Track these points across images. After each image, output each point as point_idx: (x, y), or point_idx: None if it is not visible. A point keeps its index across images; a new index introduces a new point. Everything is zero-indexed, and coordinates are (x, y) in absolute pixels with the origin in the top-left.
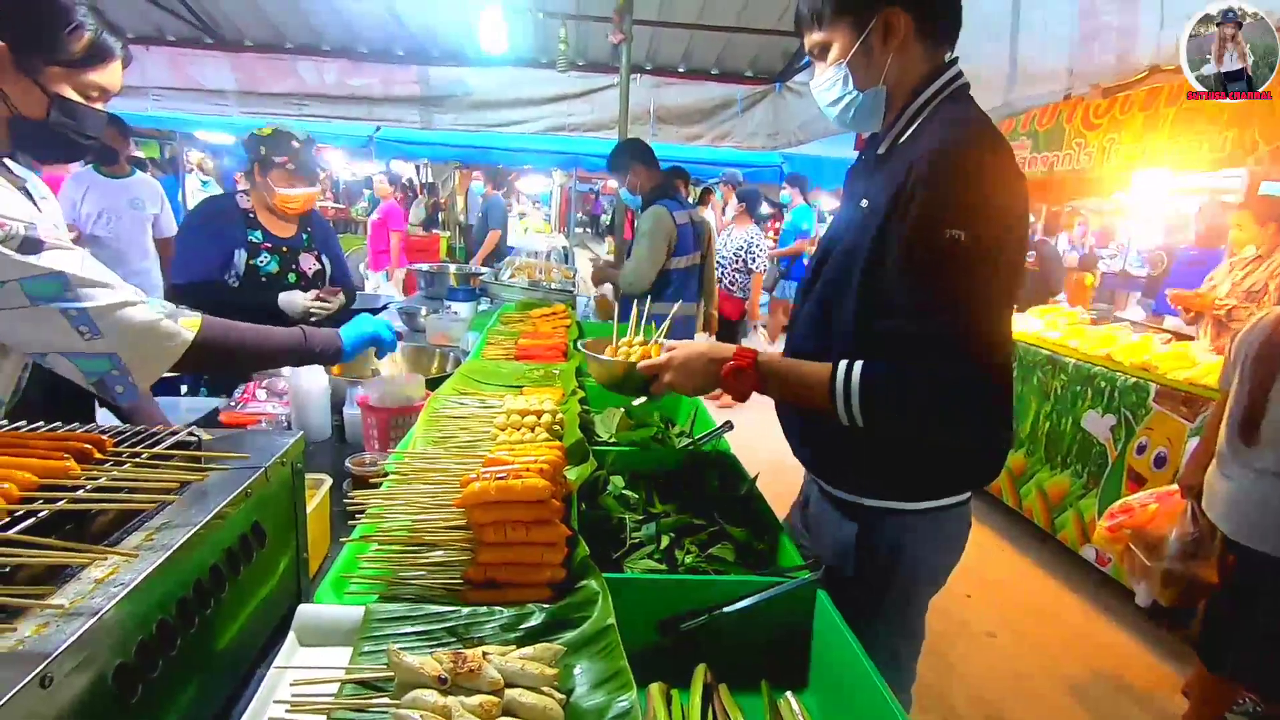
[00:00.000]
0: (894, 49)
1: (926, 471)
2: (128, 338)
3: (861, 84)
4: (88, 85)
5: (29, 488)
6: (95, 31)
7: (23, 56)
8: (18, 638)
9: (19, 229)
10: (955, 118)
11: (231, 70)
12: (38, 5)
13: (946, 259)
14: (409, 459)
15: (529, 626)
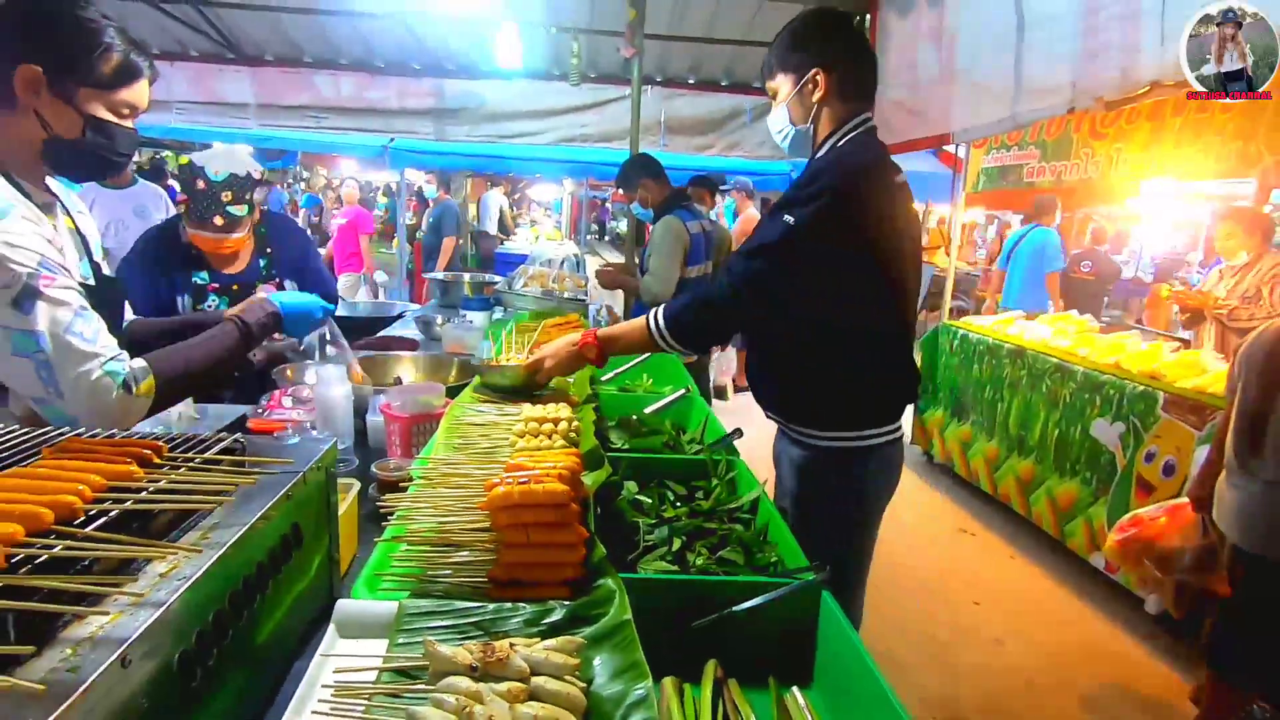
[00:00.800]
0: (818, 100)
1: (856, 408)
2: (85, 405)
3: (796, 121)
4: (118, 104)
5: (100, 489)
6: (124, 52)
7: (57, 80)
8: (99, 623)
9: (23, 276)
10: (846, 150)
11: (251, 84)
12: (69, 31)
13: (770, 230)
14: (434, 464)
15: (551, 621)
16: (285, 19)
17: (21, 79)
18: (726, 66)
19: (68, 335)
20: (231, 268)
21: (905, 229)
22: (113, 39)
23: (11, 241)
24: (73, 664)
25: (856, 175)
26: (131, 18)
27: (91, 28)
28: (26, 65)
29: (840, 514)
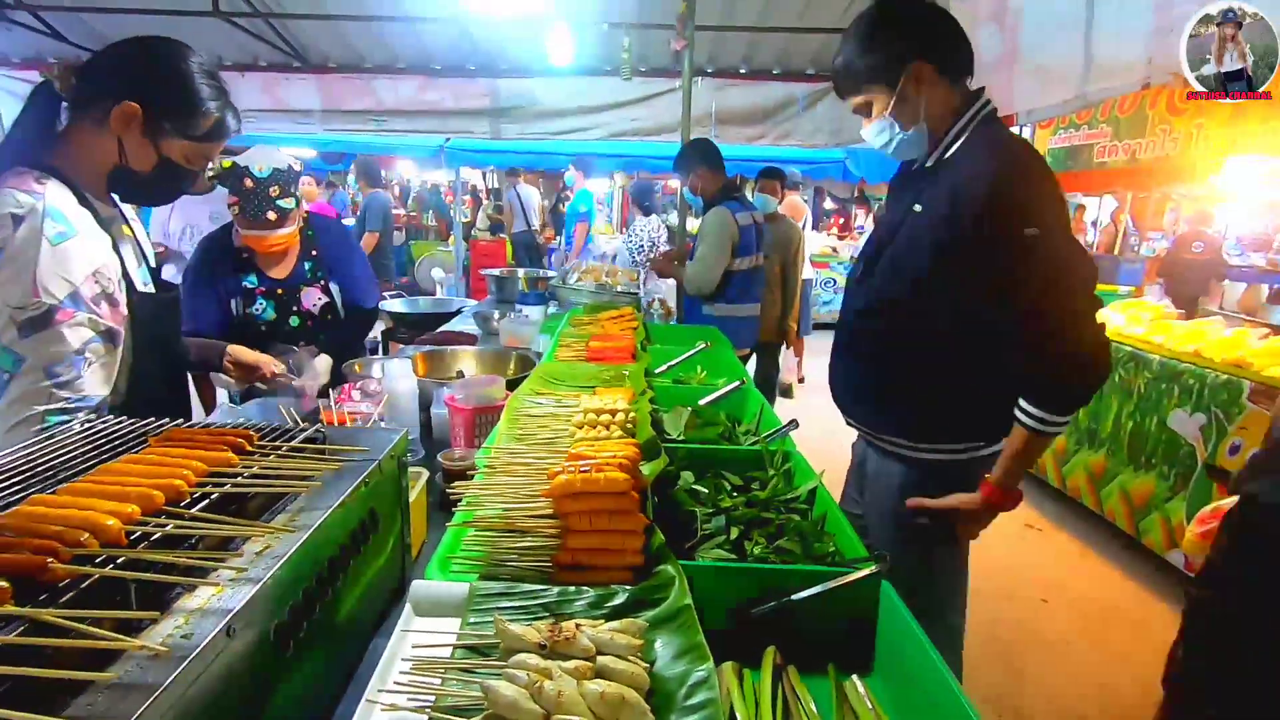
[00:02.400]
0: (925, 92)
1: (967, 420)
2: (3, 434)
3: (906, 126)
4: (196, 154)
5: (202, 474)
6: (219, 114)
7: (151, 121)
8: (207, 595)
9: (45, 304)
10: (994, 139)
11: (317, 91)
12: (179, 86)
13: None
14: (498, 454)
15: (613, 605)
16: (348, 27)
17: (121, 113)
18: (779, 55)
19: (45, 372)
20: (278, 271)
21: None
22: (213, 101)
23: (56, 269)
24: (186, 631)
25: (1044, 162)
26: (207, 32)
27: (198, 88)
28: (129, 102)
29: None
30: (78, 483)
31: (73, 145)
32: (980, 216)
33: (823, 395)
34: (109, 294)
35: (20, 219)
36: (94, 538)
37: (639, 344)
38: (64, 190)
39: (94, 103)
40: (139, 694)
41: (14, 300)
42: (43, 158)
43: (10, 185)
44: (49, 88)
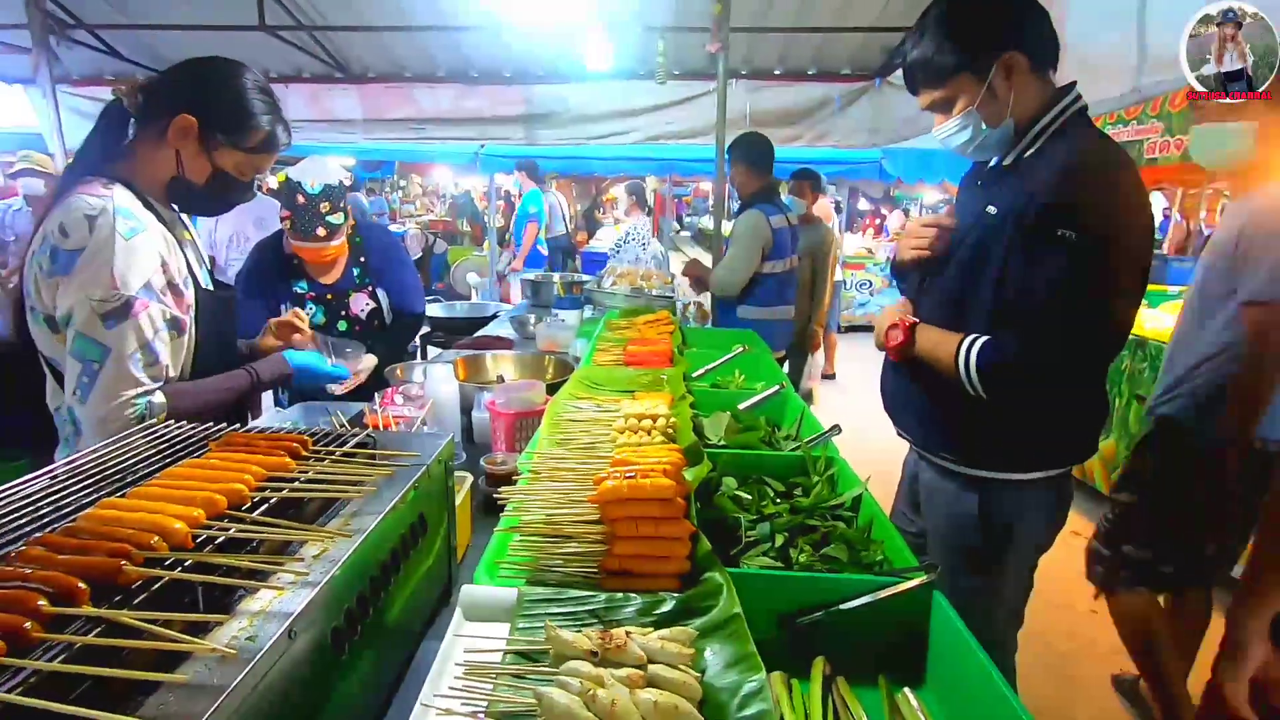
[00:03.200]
0: (1016, 86)
1: (1033, 442)
2: (99, 417)
3: (991, 123)
4: (247, 166)
5: (261, 479)
6: (270, 128)
7: (206, 133)
8: (268, 598)
9: (123, 294)
10: (1082, 138)
11: (359, 100)
12: (232, 100)
13: (1056, 255)
14: (541, 459)
15: (662, 612)
16: (388, 38)
17: (177, 125)
18: (815, 56)
19: (133, 360)
20: (327, 277)
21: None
22: (264, 115)
23: (130, 261)
24: (251, 633)
25: (1132, 170)
26: (254, 47)
27: (250, 102)
28: (185, 115)
29: (1020, 556)
30: (145, 486)
31: (137, 157)
32: (1034, 214)
33: (855, 398)
34: (174, 285)
35: (94, 219)
36: (163, 541)
37: (676, 348)
38: (129, 193)
39: (156, 118)
40: (208, 695)
41: (96, 294)
42: (110, 169)
43: (80, 191)
44: (118, 105)
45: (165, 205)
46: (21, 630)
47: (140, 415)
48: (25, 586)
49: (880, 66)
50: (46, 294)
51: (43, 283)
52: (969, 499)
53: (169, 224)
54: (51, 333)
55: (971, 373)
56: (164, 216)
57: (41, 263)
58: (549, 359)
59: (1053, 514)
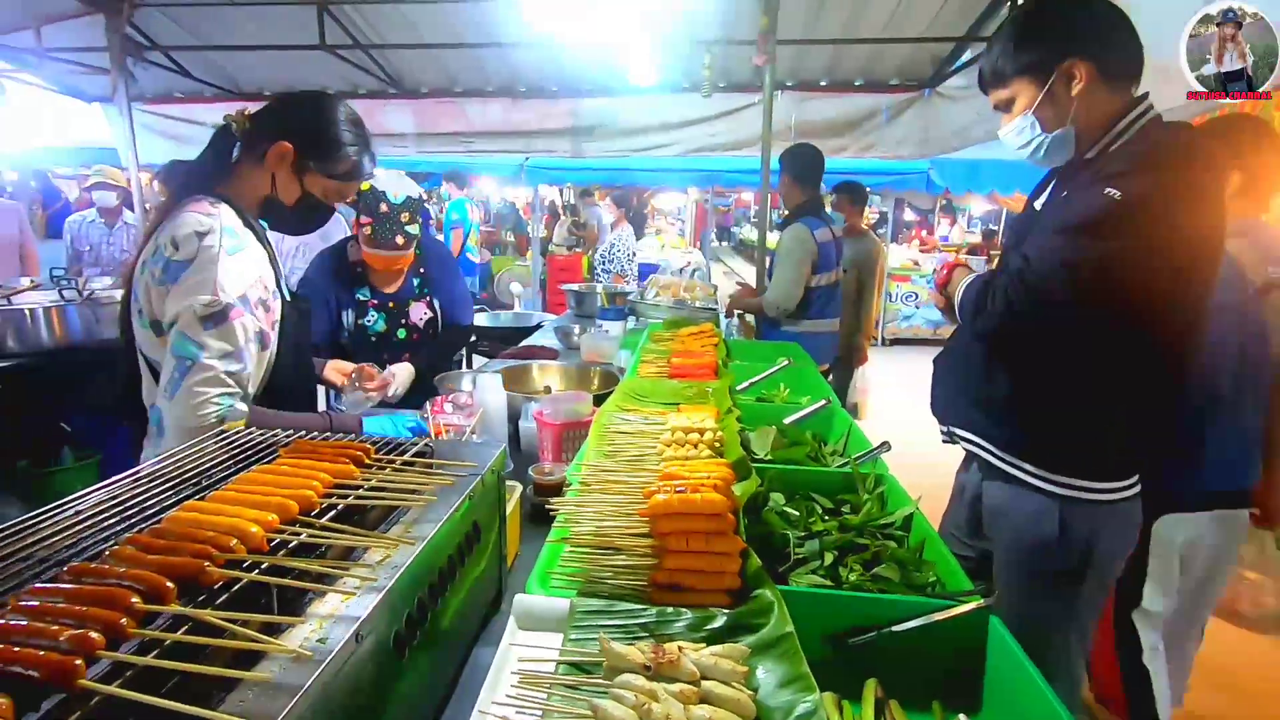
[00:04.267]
0: (1078, 94)
1: (1102, 450)
2: (181, 414)
3: (1049, 127)
4: (333, 191)
5: (329, 486)
6: (357, 158)
7: (300, 159)
8: (336, 602)
9: (223, 300)
10: (1157, 140)
11: (411, 115)
12: (326, 131)
13: (1098, 210)
14: (590, 470)
15: (713, 628)
16: (440, 54)
17: (276, 150)
18: (863, 66)
19: (221, 361)
20: (390, 285)
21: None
22: (352, 146)
23: (231, 274)
24: (321, 635)
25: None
26: (313, 64)
27: (340, 133)
28: (284, 142)
29: (1098, 580)
30: (222, 490)
31: (239, 177)
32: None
33: (902, 413)
34: (264, 301)
35: (204, 235)
36: (241, 544)
37: (720, 360)
38: (233, 212)
39: (258, 142)
40: (285, 694)
41: (199, 300)
42: (215, 186)
43: (192, 209)
44: (227, 130)
45: (256, 221)
46: (118, 625)
47: (221, 417)
48: (120, 584)
49: (930, 77)
50: (156, 300)
51: (153, 289)
52: (1049, 517)
53: (261, 240)
54: (155, 336)
55: (965, 304)
56: (258, 233)
57: (154, 272)
58: (594, 370)
59: (1129, 533)
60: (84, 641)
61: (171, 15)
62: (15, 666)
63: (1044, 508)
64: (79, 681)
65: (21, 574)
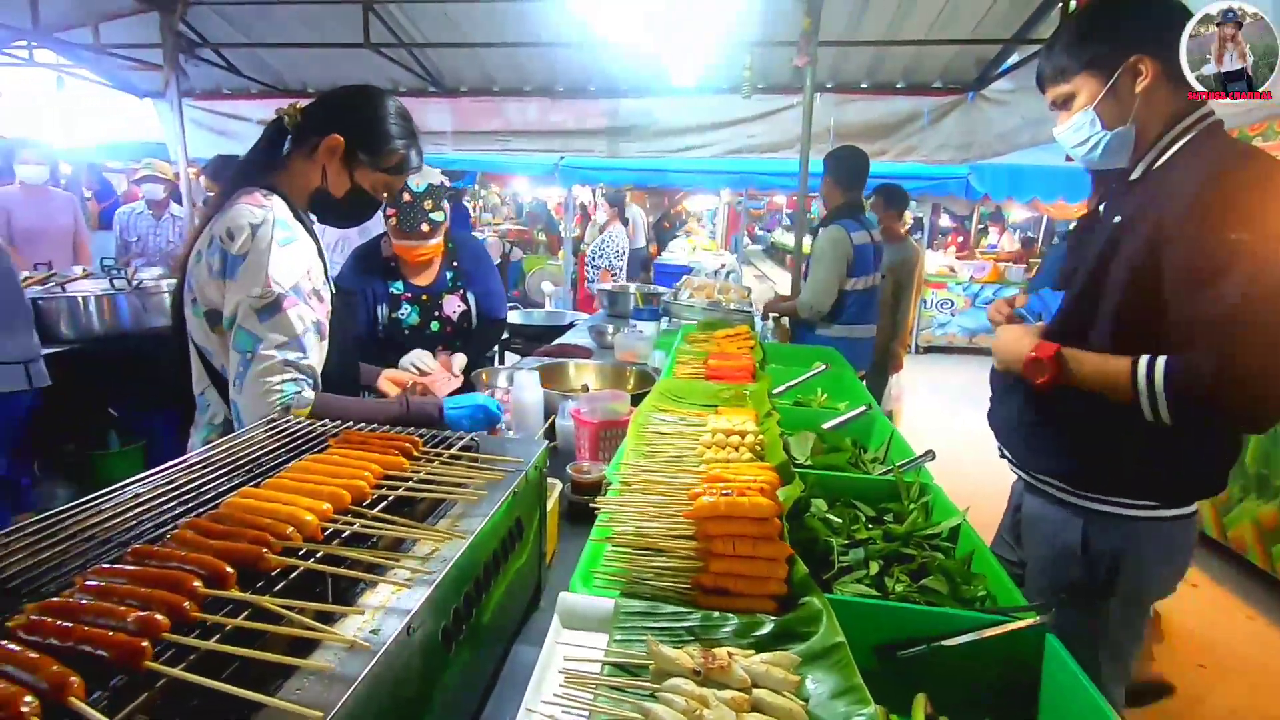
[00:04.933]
0: (1141, 92)
1: (1149, 468)
2: (250, 402)
3: (1110, 125)
4: (381, 184)
5: (380, 477)
6: (405, 152)
7: (350, 153)
8: (387, 593)
9: (275, 292)
10: (1218, 147)
11: (451, 113)
12: (376, 125)
13: (1233, 258)
14: (631, 469)
15: (760, 634)
16: (480, 53)
17: (327, 144)
18: (905, 69)
19: (279, 350)
20: (423, 278)
21: None
22: (400, 140)
23: (284, 266)
24: (374, 626)
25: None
26: (357, 62)
27: (389, 127)
28: (335, 135)
29: (1127, 598)
30: (277, 478)
31: (290, 170)
32: (1182, 224)
33: (939, 421)
34: (317, 291)
35: (256, 228)
36: (297, 532)
37: (758, 363)
38: (284, 205)
39: (309, 136)
40: (340, 683)
41: (254, 292)
42: (266, 179)
43: (244, 201)
44: (279, 123)
45: (305, 214)
46: (181, 608)
47: (286, 404)
48: (182, 568)
49: (975, 80)
50: (212, 291)
51: (209, 280)
52: (1073, 528)
53: (310, 232)
54: (209, 326)
55: (1158, 397)
56: (307, 225)
57: (211, 263)
58: (630, 370)
59: (1169, 556)
60: (150, 624)
61: (222, 13)
62: (85, 645)
63: (1068, 519)
64: (146, 664)
65: (86, 554)
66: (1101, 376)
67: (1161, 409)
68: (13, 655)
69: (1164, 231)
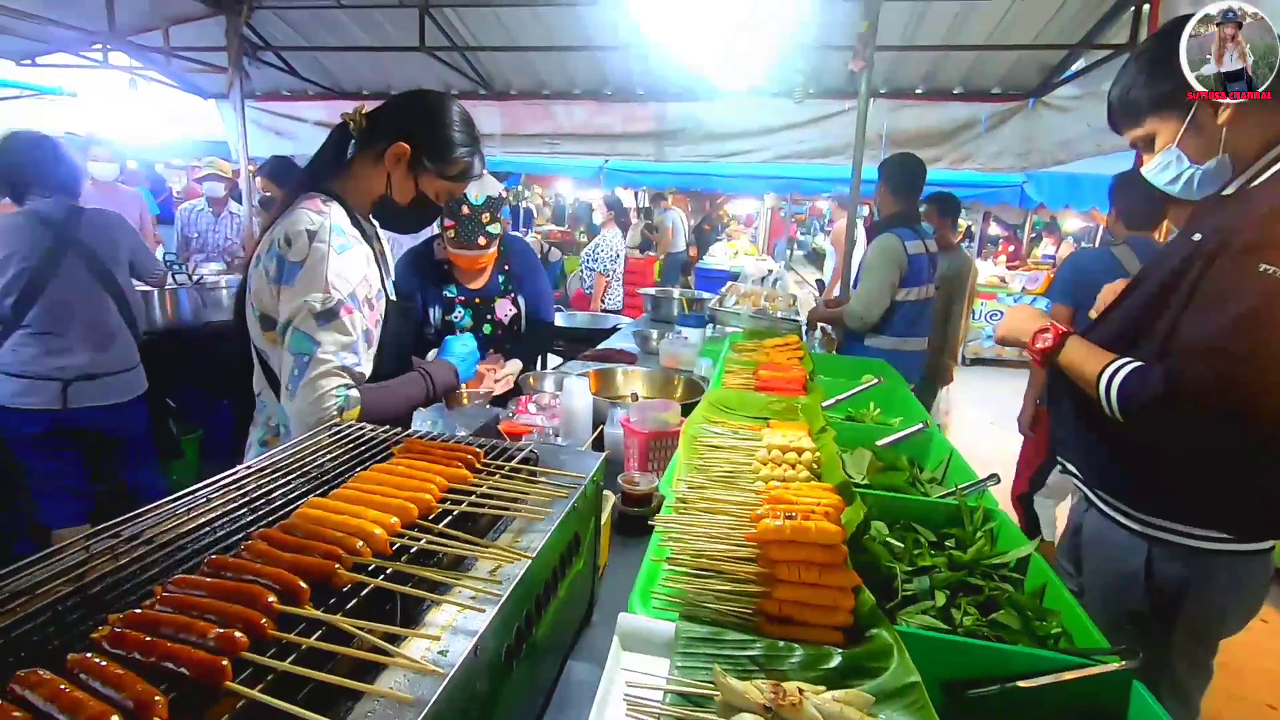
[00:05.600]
0: (1226, 120)
1: (1226, 499)
2: (304, 408)
3: (1199, 159)
4: (444, 190)
5: (445, 489)
6: (469, 160)
7: (416, 160)
8: (453, 613)
9: (335, 297)
10: None
11: (500, 116)
12: (442, 132)
13: (1250, 290)
14: (687, 485)
15: (827, 668)
16: (531, 56)
17: (394, 151)
18: (964, 74)
19: (334, 354)
20: (476, 282)
21: None
22: (464, 147)
23: (340, 272)
24: (441, 647)
25: None
26: (411, 65)
27: (454, 135)
28: (402, 143)
29: (1192, 633)
30: (344, 489)
31: (353, 175)
32: (1236, 243)
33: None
34: (370, 299)
35: (314, 234)
36: (367, 546)
37: (809, 375)
38: (342, 211)
39: (375, 142)
40: (411, 708)
41: (312, 298)
42: (329, 183)
43: (305, 206)
44: (344, 128)
45: (368, 221)
46: (259, 625)
47: (340, 408)
48: (258, 581)
49: (1037, 86)
50: (268, 296)
51: (266, 285)
52: (1136, 553)
53: (369, 239)
54: (263, 329)
55: (1112, 400)
56: (366, 232)
57: (268, 268)
58: (678, 378)
59: (1240, 593)
60: (230, 641)
61: (284, 17)
62: (167, 662)
63: (1131, 543)
64: (226, 684)
65: (164, 563)
66: (1080, 365)
67: (1116, 413)
68: (100, 670)
69: (1224, 251)
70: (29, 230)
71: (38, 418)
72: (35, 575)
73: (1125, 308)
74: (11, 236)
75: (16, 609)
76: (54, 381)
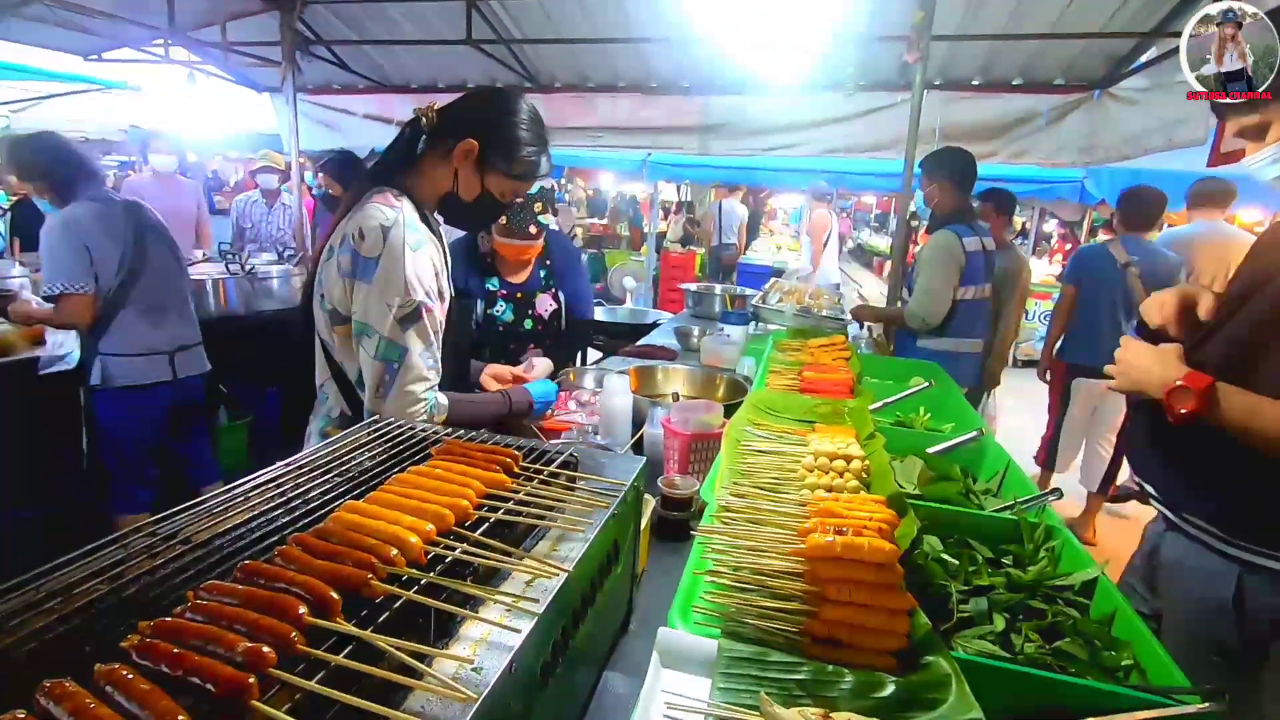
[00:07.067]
0: None
1: None
2: (395, 413)
3: None
4: (509, 189)
5: (482, 495)
6: (537, 159)
7: (483, 157)
8: (486, 628)
9: (416, 300)
10: None
11: (544, 108)
12: (511, 131)
13: None
14: (731, 493)
15: (880, 697)
16: (576, 49)
17: (463, 147)
18: (1023, 65)
19: (422, 358)
20: (518, 276)
21: None
22: (531, 146)
23: (418, 271)
24: (475, 664)
25: None
26: (458, 58)
27: (522, 134)
28: (471, 140)
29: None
30: (380, 492)
31: (421, 171)
32: None
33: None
34: (441, 293)
35: (388, 230)
36: (401, 554)
37: (856, 377)
38: (411, 207)
39: (444, 138)
40: None
41: (395, 301)
42: (398, 178)
43: (376, 201)
44: (416, 123)
45: (433, 216)
46: (288, 640)
47: (429, 412)
48: (289, 590)
49: (1103, 77)
50: (338, 289)
51: (338, 279)
52: (1225, 581)
53: (435, 235)
54: (333, 323)
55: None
56: (433, 228)
57: (341, 261)
58: (720, 378)
59: None
60: (257, 657)
61: (336, 11)
62: (194, 677)
63: (1222, 569)
64: (252, 703)
65: (197, 566)
66: (1252, 419)
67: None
68: (126, 684)
69: None
70: (118, 217)
71: (158, 392)
72: (73, 574)
73: (1228, 336)
74: (108, 224)
75: (52, 609)
76: (162, 355)
